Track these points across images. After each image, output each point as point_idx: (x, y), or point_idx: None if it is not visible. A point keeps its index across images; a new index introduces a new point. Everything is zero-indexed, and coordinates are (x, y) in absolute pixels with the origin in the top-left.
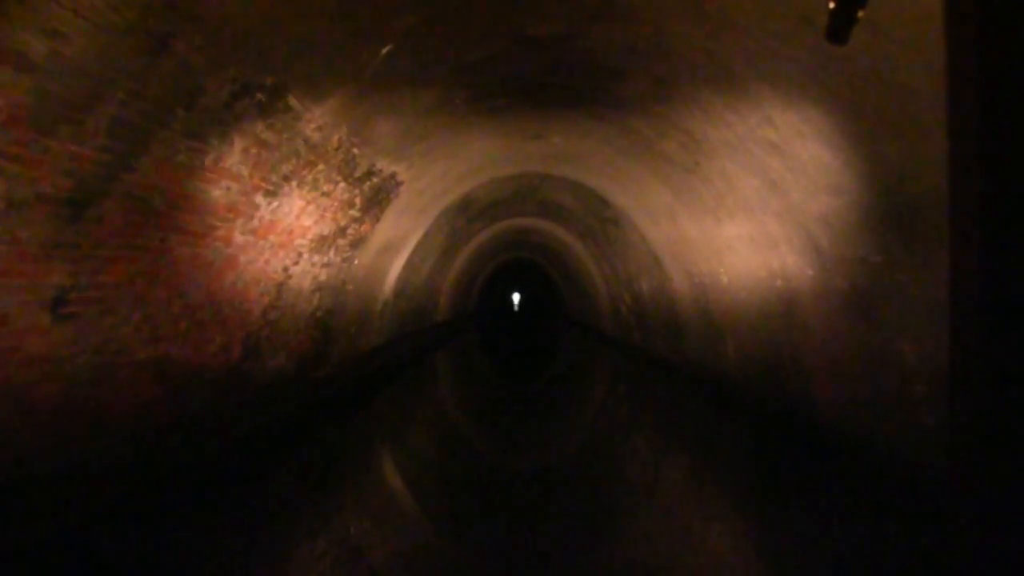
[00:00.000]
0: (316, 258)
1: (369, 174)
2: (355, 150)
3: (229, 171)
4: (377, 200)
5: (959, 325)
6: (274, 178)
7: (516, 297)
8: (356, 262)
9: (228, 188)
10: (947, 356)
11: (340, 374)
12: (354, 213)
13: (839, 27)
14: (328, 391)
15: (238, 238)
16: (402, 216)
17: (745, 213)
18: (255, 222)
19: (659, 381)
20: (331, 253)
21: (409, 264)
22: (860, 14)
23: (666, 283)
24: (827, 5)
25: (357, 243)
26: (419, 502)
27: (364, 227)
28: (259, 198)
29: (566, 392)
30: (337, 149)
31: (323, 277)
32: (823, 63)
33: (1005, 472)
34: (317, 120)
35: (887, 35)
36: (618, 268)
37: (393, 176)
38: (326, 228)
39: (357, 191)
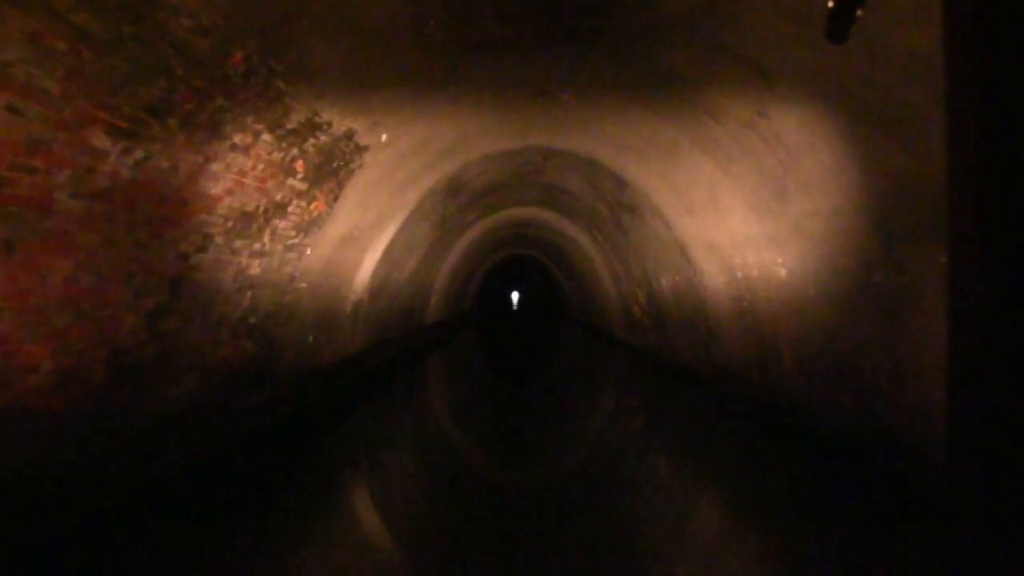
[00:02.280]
0: (239, 244)
1: (311, 127)
2: (280, 84)
3: (9, 78)
4: (331, 169)
5: (959, 325)
6: (126, 108)
7: (515, 296)
8: (309, 252)
9: (17, 111)
10: None
11: (290, 396)
12: (296, 184)
13: (839, 26)
14: (268, 421)
15: (66, 202)
16: (372, 195)
17: (831, 178)
18: (101, 179)
19: (686, 396)
20: (265, 238)
21: (388, 257)
22: (859, 13)
23: (694, 279)
24: (826, 5)
25: (307, 226)
26: None
27: (316, 205)
28: (100, 139)
29: (578, 411)
30: (247, 76)
31: (255, 271)
32: None
33: (1005, 470)
34: (193, 11)
35: None
36: (631, 263)
37: (350, 136)
38: (250, 201)
39: (296, 151)
